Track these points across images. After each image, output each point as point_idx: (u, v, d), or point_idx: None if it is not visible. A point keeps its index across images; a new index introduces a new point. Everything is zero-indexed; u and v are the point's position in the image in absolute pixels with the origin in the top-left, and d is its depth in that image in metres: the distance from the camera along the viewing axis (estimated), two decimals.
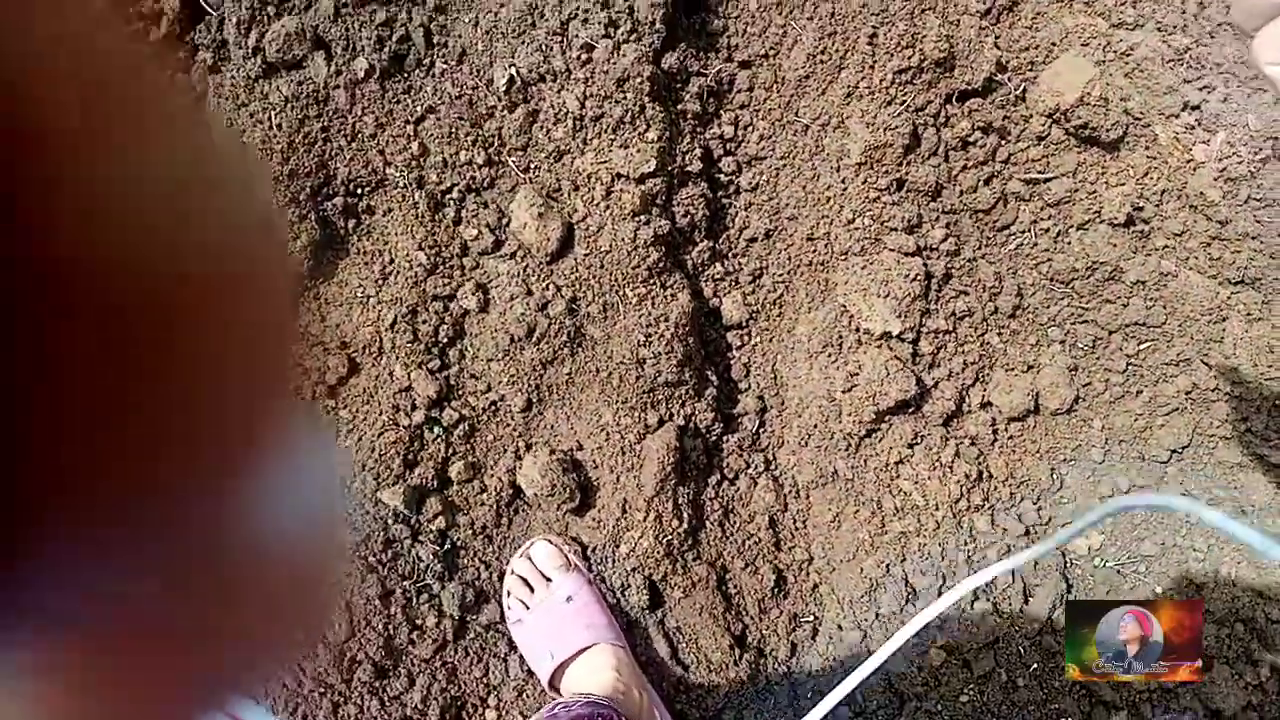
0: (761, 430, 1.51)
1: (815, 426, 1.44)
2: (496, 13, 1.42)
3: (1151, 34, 1.43)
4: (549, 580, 1.33)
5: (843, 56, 1.42)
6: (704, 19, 1.50)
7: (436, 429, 1.36)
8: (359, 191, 1.39)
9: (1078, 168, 1.42)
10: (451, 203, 1.40)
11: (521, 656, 1.36)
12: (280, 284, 0.19)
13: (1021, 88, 1.45)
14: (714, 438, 1.44)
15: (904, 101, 1.38)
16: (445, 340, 1.38)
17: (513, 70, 1.41)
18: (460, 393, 1.39)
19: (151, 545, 0.16)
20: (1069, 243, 1.43)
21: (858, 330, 1.42)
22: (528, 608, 1.32)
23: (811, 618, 1.48)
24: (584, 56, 1.40)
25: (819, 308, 1.45)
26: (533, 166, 1.42)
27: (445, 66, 1.41)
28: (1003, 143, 1.44)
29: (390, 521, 1.34)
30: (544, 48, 1.41)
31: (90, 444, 0.14)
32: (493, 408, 1.39)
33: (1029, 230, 1.44)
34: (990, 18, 1.46)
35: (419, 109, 1.39)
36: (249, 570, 0.18)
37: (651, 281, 1.39)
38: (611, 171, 1.39)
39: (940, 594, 1.37)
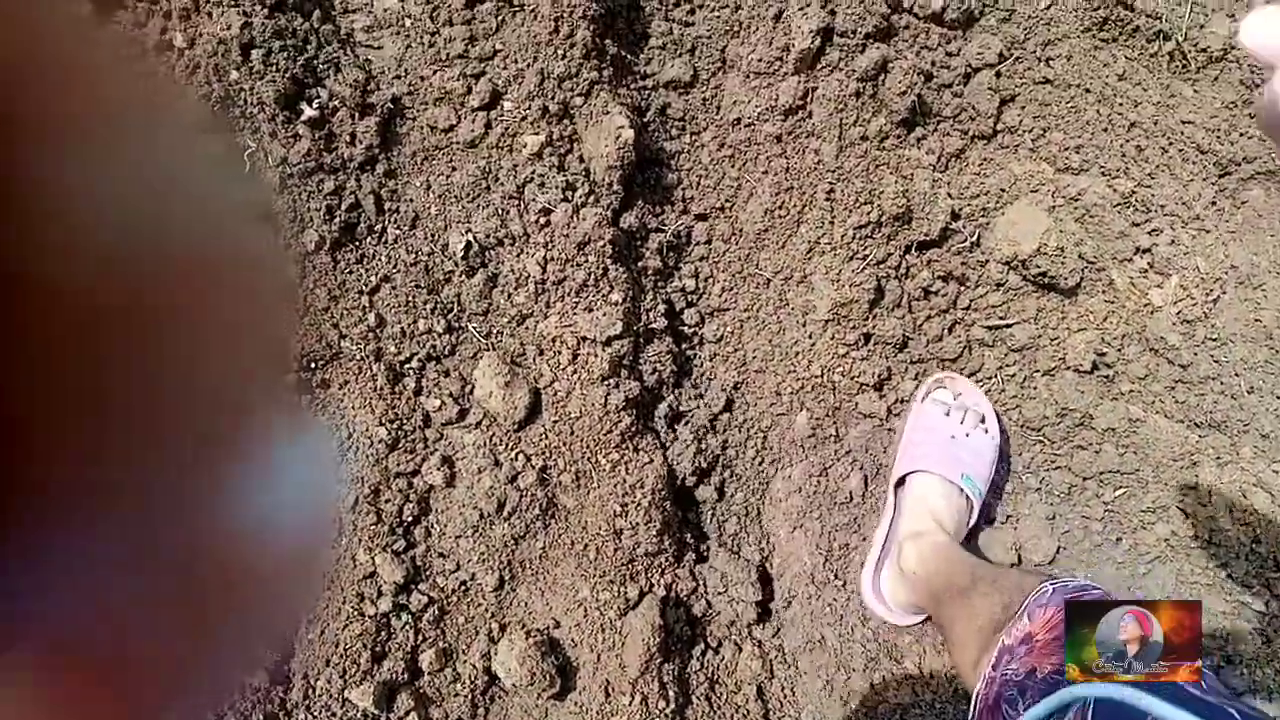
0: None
1: (800, 593, 1.41)
2: (449, 176, 1.39)
3: (1096, 178, 1.47)
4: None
5: (801, 211, 1.42)
6: (658, 173, 1.49)
7: (405, 615, 1.28)
8: (313, 366, 1.33)
9: (1038, 313, 1.43)
10: (411, 373, 1.35)
11: None
12: (274, 280, 0.19)
13: (976, 235, 1.46)
14: (697, 606, 1.39)
15: (866, 256, 1.38)
16: (410, 519, 1.31)
17: (469, 235, 1.37)
18: (428, 573, 1.31)
19: (138, 544, 0.16)
20: (1036, 389, 1.44)
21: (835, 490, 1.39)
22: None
23: None
24: (542, 220, 1.37)
25: (796, 463, 1.42)
26: (495, 332, 1.37)
27: (399, 233, 1.37)
28: (963, 289, 1.45)
29: None
30: (501, 211, 1.38)
31: (75, 444, 0.14)
32: (463, 588, 1.32)
33: (995, 377, 1.45)
34: (939, 166, 1.48)
35: (373, 279, 1.34)
36: (236, 566, 0.19)
37: (624, 446, 1.35)
38: (577, 335, 1.35)
39: None
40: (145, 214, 0.16)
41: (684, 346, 1.48)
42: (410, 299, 1.34)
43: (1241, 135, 1.56)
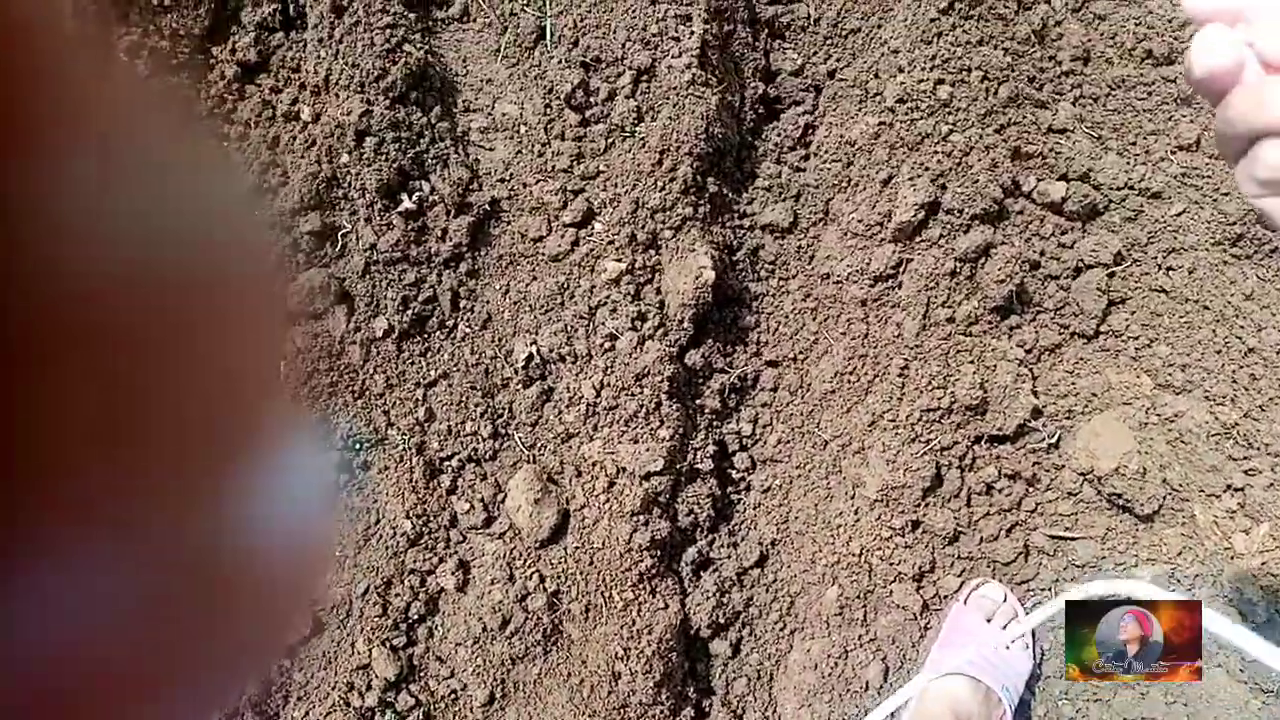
0: None
1: None
2: (528, 285, 1.41)
3: (1199, 402, 1.37)
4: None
5: (870, 382, 1.37)
6: (736, 314, 1.48)
7: (390, 714, 1.28)
8: (358, 447, 1.36)
9: (1107, 534, 1.34)
10: (450, 470, 1.36)
11: None
12: (270, 295, 0.19)
13: (1057, 436, 1.38)
14: None
15: (930, 441, 1.33)
16: (415, 617, 1.31)
17: (534, 346, 1.38)
18: (421, 675, 1.31)
19: (141, 553, 0.16)
20: None
21: (854, 680, 1.32)
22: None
23: None
24: (607, 345, 1.38)
25: (817, 638, 1.36)
26: (539, 445, 1.38)
27: (468, 331, 1.39)
28: (1030, 491, 1.37)
29: None
30: (569, 329, 1.39)
31: (79, 455, 0.14)
32: (452, 696, 1.31)
33: (1050, 589, 1.35)
34: (1030, 359, 1.41)
35: (433, 373, 1.37)
36: (236, 575, 0.19)
37: (641, 587, 1.32)
38: (617, 464, 1.34)
39: None
40: (158, 229, 0.16)
41: (729, 490, 1.44)
42: (464, 399, 1.36)
43: None
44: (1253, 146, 0.44)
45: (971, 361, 1.33)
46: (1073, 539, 1.34)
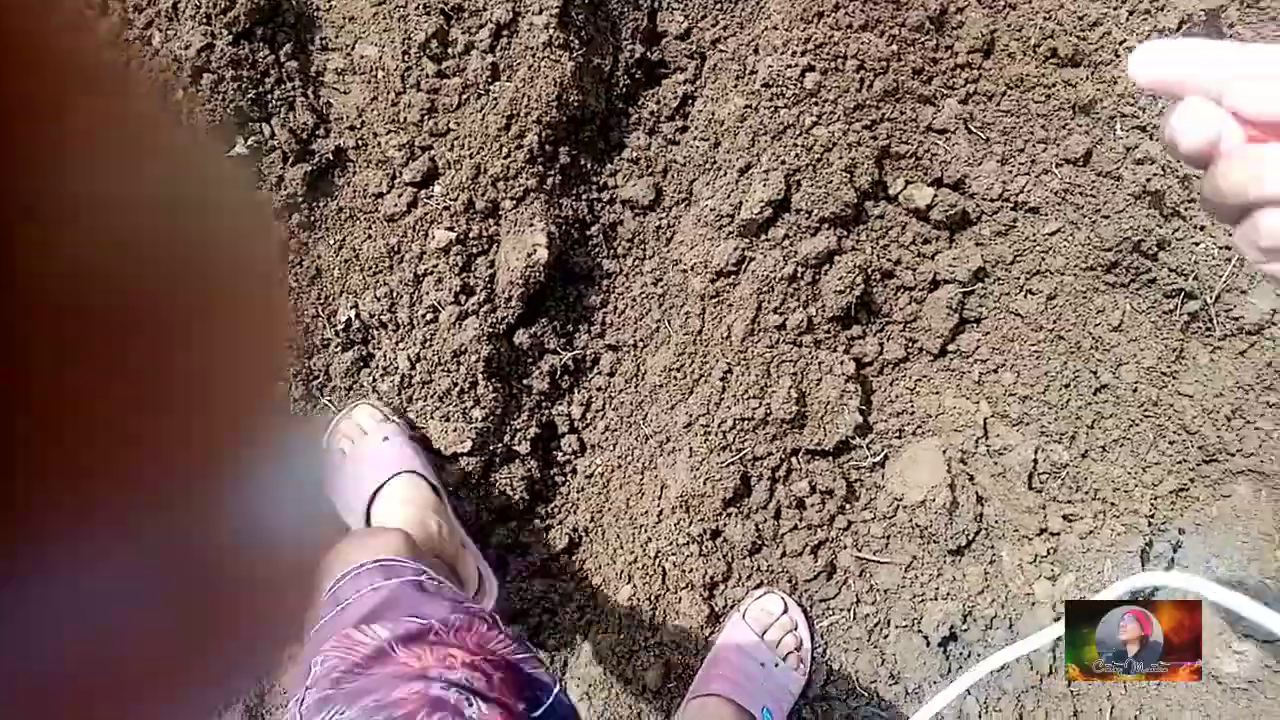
0: None
1: None
2: (361, 244, 1.37)
3: (1033, 438, 1.32)
4: (366, 433, 1.27)
5: (695, 382, 1.33)
6: (582, 291, 1.43)
7: None
8: None
9: (912, 561, 1.31)
10: None
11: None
12: (269, 285, 0.19)
13: (882, 455, 1.34)
14: None
15: (739, 449, 1.29)
16: None
17: (354, 310, 1.35)
18: None
19: (138, 551, 0.16)
20: (885, 638, 1.32)
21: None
22: (345, 454, 1.26)
23: None
24: (429, 316, 1.34)
25: (609, 633, 1.35)
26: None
27: (293, 286, 1.36)
28: (845, 509, 1.33)
29: None
30: (394, 294, 1.35)
31: (75, 451, 0.14)
32: None
33: (849, 611, 1.33)
34: (873, 369, 1.36)
35: None
36: (234, 573, 0.19)
37: None
38: (427, 442, 1.32)
39: None
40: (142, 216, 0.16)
41: (553, 471, 1.42)
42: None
43: (1247, 424, 1.37)
44: (1251, 216, 0.45)
45: (793, 374, 1.28)
46: (879, 563, 1.31)
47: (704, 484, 1.27)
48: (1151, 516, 1.31)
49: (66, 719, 0.16)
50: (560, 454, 1.42)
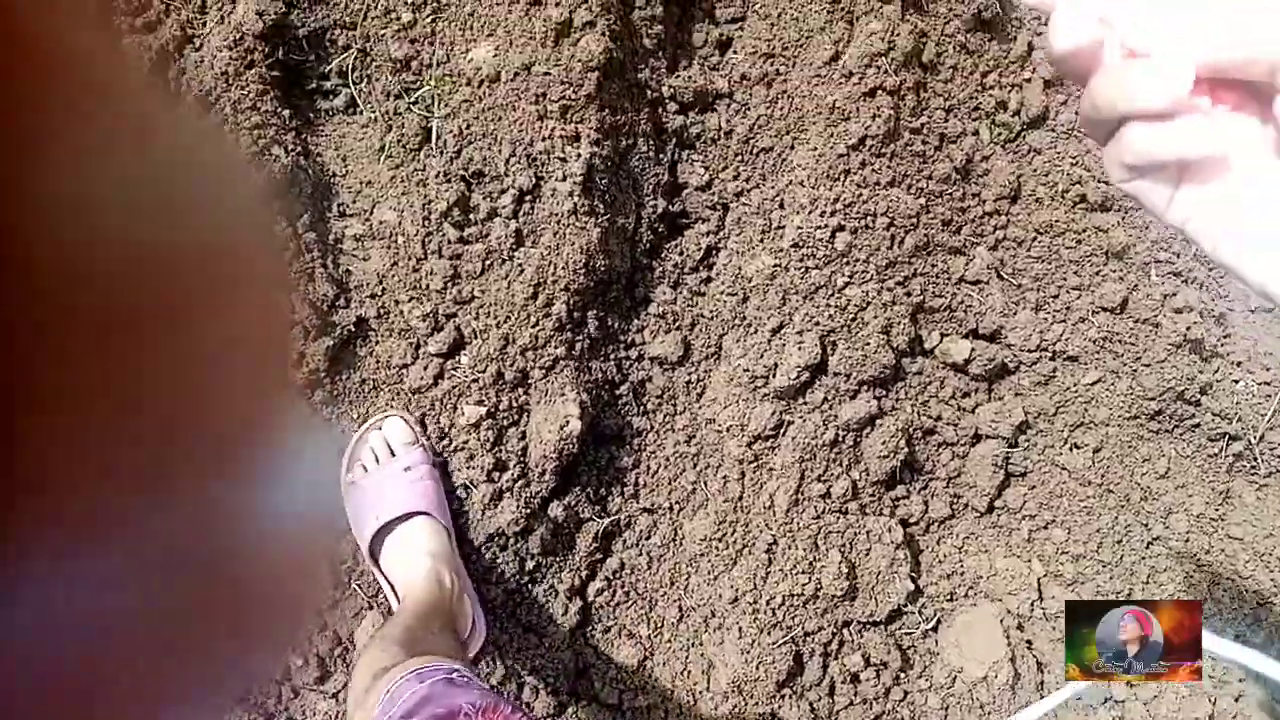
0: None
1: None
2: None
3: (1088, 599, 1.27)
4: (394, 454, 1.28)
5: (739, 553, 1.28)
6: (613, 453, 1.39)
7: None
8: None
9: None
10: None
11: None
12: (274, 278, 0.20)
13: (935, 620, 1.30)
14: None
15: (790, 628, 1.24)
16: None
17: None
18: None
19: (145, 544, 0.15)
20: None
21: None
22: (366, 472, 1.28)
23: None
24: (461, 494, 1.29)
25: None
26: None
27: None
28: (900, 679, 1.28)
29: None
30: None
31: (82, 444, 0.14)
32: None
33: None
34: (919, 528, 1.32)
35: None
36: (243, 568, 0.18)
37: None
38: None
39: None
40: (149, 211, 0.16)
41: (590, 631, 1.37)
42: None
43: None
44: (1119, 132, 0.44)
45: (841, 546, 1.24)
46: None
47: (756, 668, 1.23)
48: (1212, 674, 1.27)
49: (67, 718, 0.15)
50: (588, 633, 1.36)
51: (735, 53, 1.44)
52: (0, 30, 0.13)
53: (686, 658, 1.31)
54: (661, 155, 1.44)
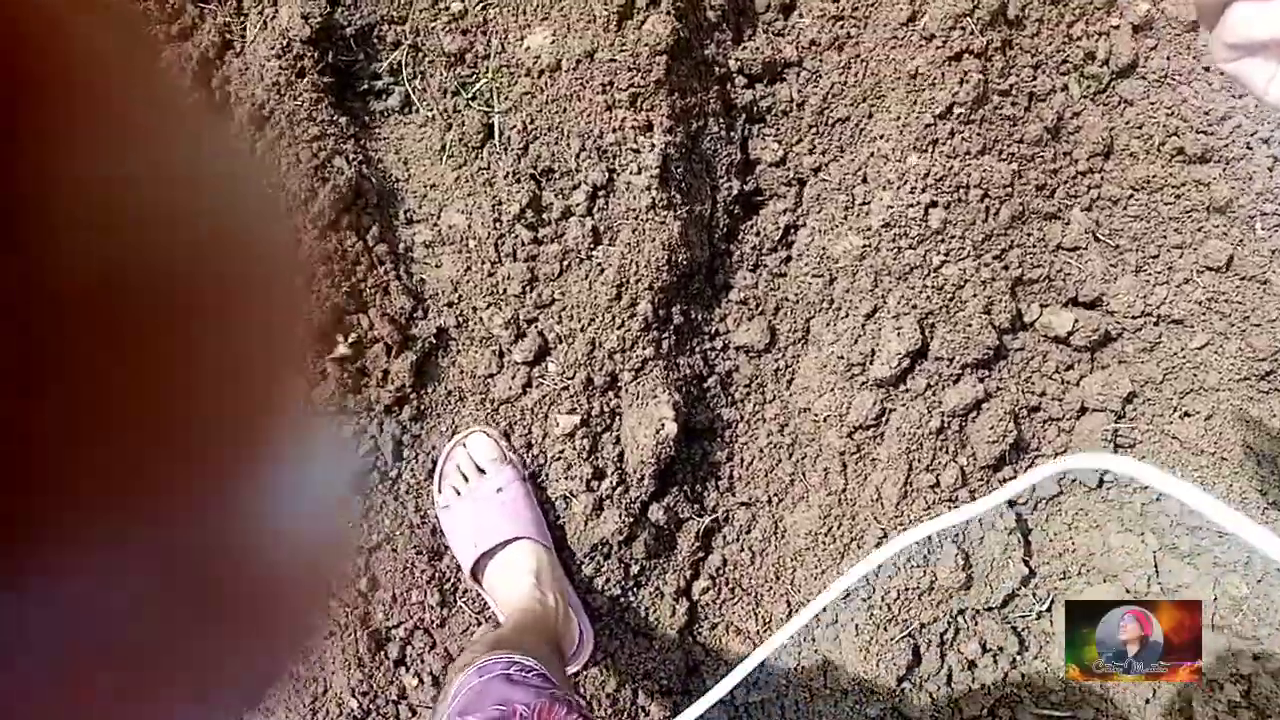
0: None
1: None
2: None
3: (1206, 572, 1.25)
4: (483, 472, 1.26)
5: (846, 546, 1.26)
6: (706, 448, 1.36)
7: None
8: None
9: (1095, 716, 1.24)
10: (396, 640, 1.28)
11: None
12: (289, 286, 0.19)
13: (1049, 601, 1.28)
14: None
15: (905, 621, 1.23)
16: None
17: None
18: None
19: (157, 548, 0.15)
20: None
21: None
22: (459, 495, 1.26)
23: None
24: (562, 505, 1.27)
25: None
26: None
27: (411, 483, 1.29)
28: (1017, 661, 1.27)
29: None
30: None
31: (96, 448, 0.14)
32: None
33: None
34: (1026, 506, 1.30)
35: (375, 536, 1.28)
36: (255, 573, 0.18)
37: None
38: None
39: None
40: (168, 210, 0.16)
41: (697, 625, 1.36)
42: (410, 564, 1.27)
43: None
44: (1224, 14, 0.47)
45: (955, 537, 1.21)
46: (1060, 717, 1.25)
47: (876, 665, 1.21)
48: None
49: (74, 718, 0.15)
50: (707, 624, 1.36)
51: (801, 16, 1.36)
52: (42, 48, 0.13)
53: (799, 653, 1.30)
54: (732, 133, 1.38)
